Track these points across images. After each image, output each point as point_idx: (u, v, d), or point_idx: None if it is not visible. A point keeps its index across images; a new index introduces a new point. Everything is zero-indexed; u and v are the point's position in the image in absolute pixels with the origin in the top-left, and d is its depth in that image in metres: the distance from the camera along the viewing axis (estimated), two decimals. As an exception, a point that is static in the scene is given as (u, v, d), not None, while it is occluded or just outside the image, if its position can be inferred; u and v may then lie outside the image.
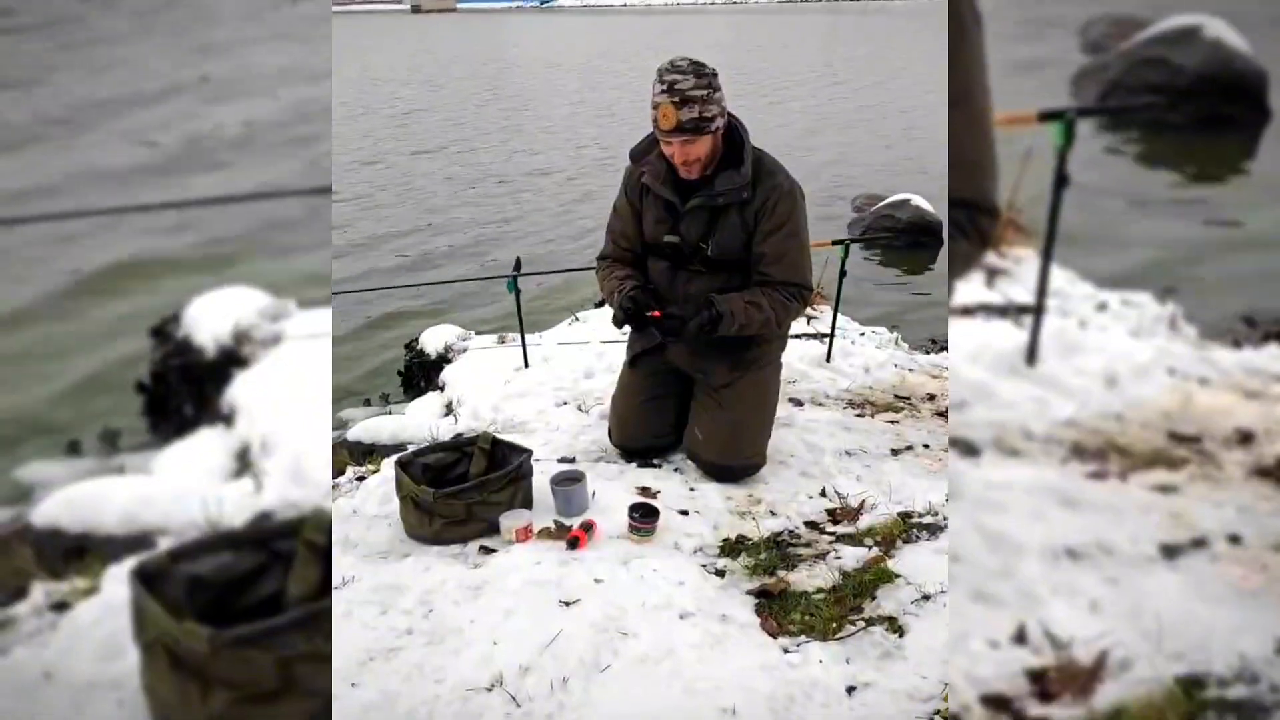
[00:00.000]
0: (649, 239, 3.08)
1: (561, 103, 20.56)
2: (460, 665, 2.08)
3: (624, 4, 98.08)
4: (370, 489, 3.11)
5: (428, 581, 2.43)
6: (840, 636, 2.21)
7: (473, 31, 55.81)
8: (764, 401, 3.19)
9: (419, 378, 5.39)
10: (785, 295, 2.94)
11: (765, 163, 2.92)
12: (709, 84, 2.70)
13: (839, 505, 2.96)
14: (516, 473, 2.79)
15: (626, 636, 2.18)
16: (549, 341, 4.83)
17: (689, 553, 2.66)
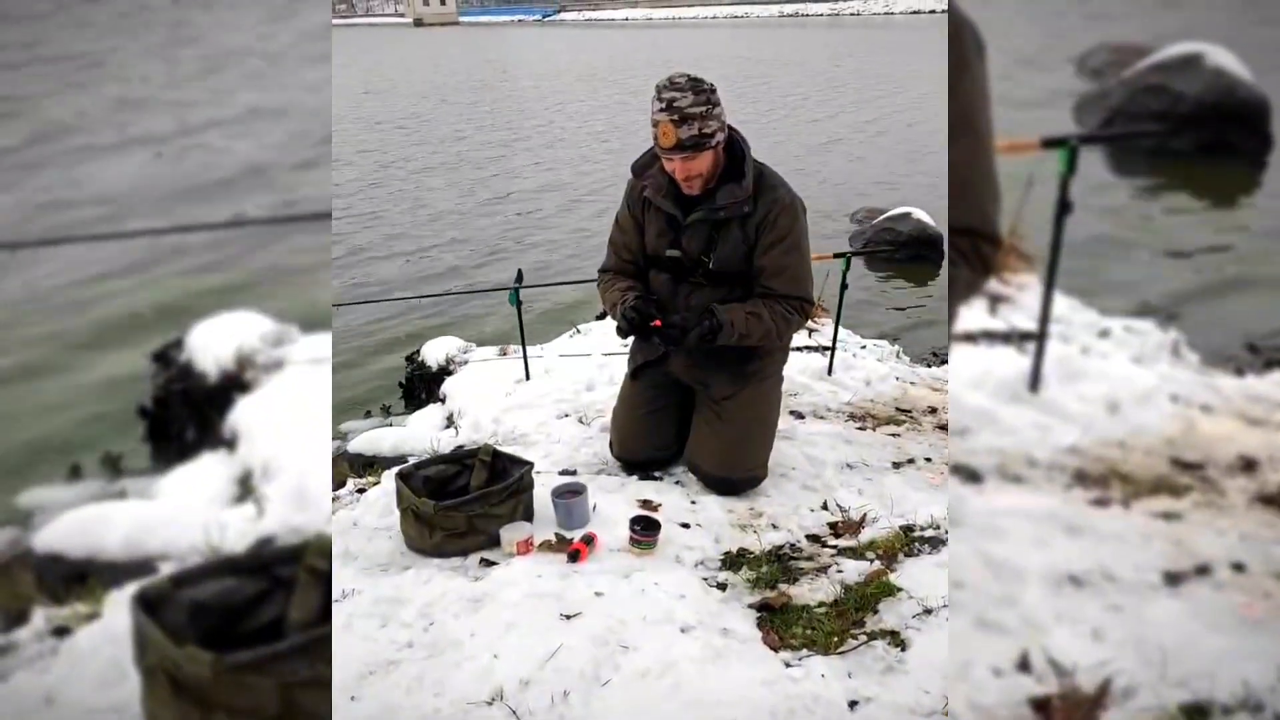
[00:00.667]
0: (651, 252, 3.08)
1: (564, 117, 20.58)
2: (460, 678, 2.08)
3: (625, 18, 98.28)
4: (371, 501, 3.11)
5: (428, 594, 2.42)
6: (842, 650, 2.21)
7: (475, 45, 55.89)
8: (765, 414, 3.19)
9: (420, 390, 5.38)
10: (786, 308, 2.95)
11: (766, 176, 2.93)
12: (708, 100, 2.70)
13: (840, 518, 2.96)
14: (517, 485, 2.79)
15: (627, 650, 2.18)
16: (550, 354, 4.83)
17: (690, 566, 2.65)
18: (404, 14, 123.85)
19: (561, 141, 17.18)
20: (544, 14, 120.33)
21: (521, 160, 15.39)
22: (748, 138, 2.94)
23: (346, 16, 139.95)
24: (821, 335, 4.89)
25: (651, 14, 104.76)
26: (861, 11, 79.44)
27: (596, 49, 48.10)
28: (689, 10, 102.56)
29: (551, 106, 22.70)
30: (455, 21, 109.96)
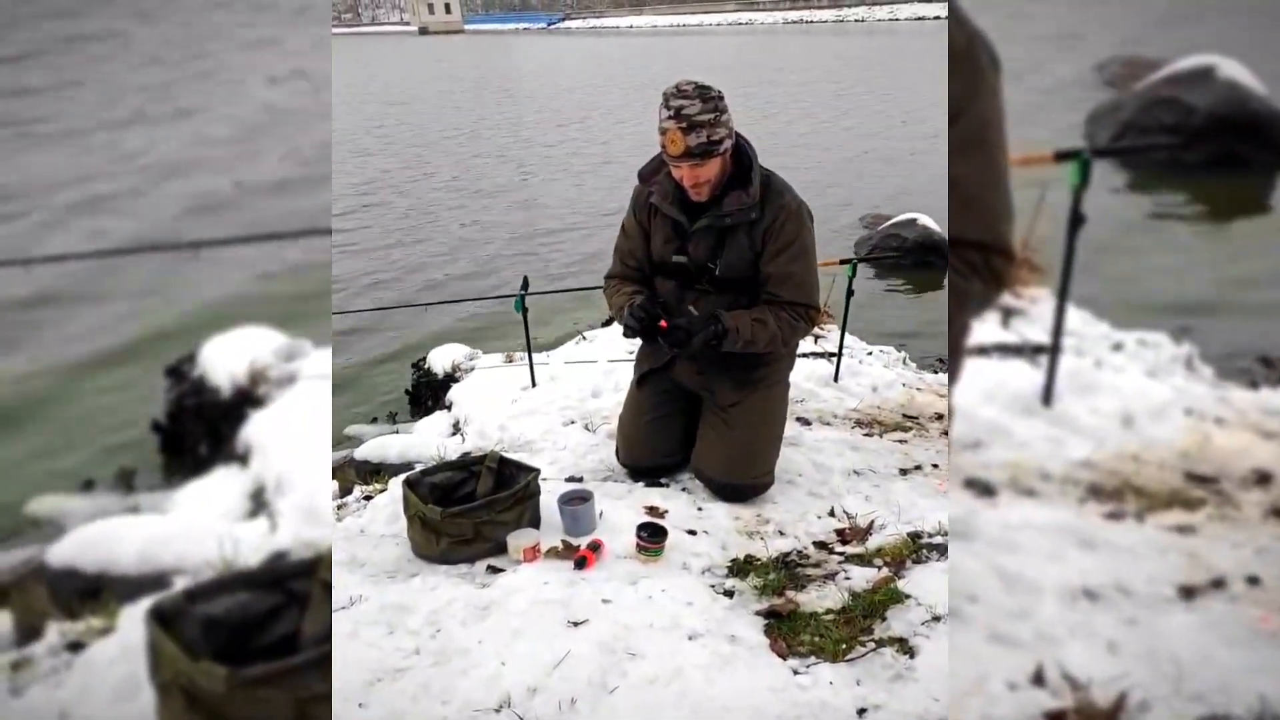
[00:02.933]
0: (657, 259, 3.07)
1: (571, 123, 20.62)
2: (468, 686, 2.07)
3: (630, 26, 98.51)
4: (378, 508, 3.10)
5: (435, 601, 2.41)
6: (850, 658, 2.19)
7: (482, 53, 56.00)
8: (772, 421, 3.17)
9: (426, 397, 5.37)
10: (792, 315, 2.93)
11: (773, 183, 2.91)
12: (715, 107, 2.69)
13: (848, 525, 2.94)
14: (524, 492, 2.77)
15: (634, 657, 2.16)
16: (556, 360, 4.82)
17: (697, 573, 2.64)
18: (409, 22, 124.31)
19: (569, 148, 17.20)
20: (549, 22, 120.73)
21: (528, 164, 15.42)
22: (753, 144, 2.92)
23: (351, 25, 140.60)
24: (828, 341, 4.88)
25: (656, 21, 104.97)
26: (866, 18, 79.50)
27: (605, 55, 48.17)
28: (693, 17, 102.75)
29: (559, 113, 22.73)
30: (460, 30, 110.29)
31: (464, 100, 27.06)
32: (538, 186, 13.77)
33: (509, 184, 14.03)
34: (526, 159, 16.24)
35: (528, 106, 24.88)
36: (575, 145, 17.55)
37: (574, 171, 14.77)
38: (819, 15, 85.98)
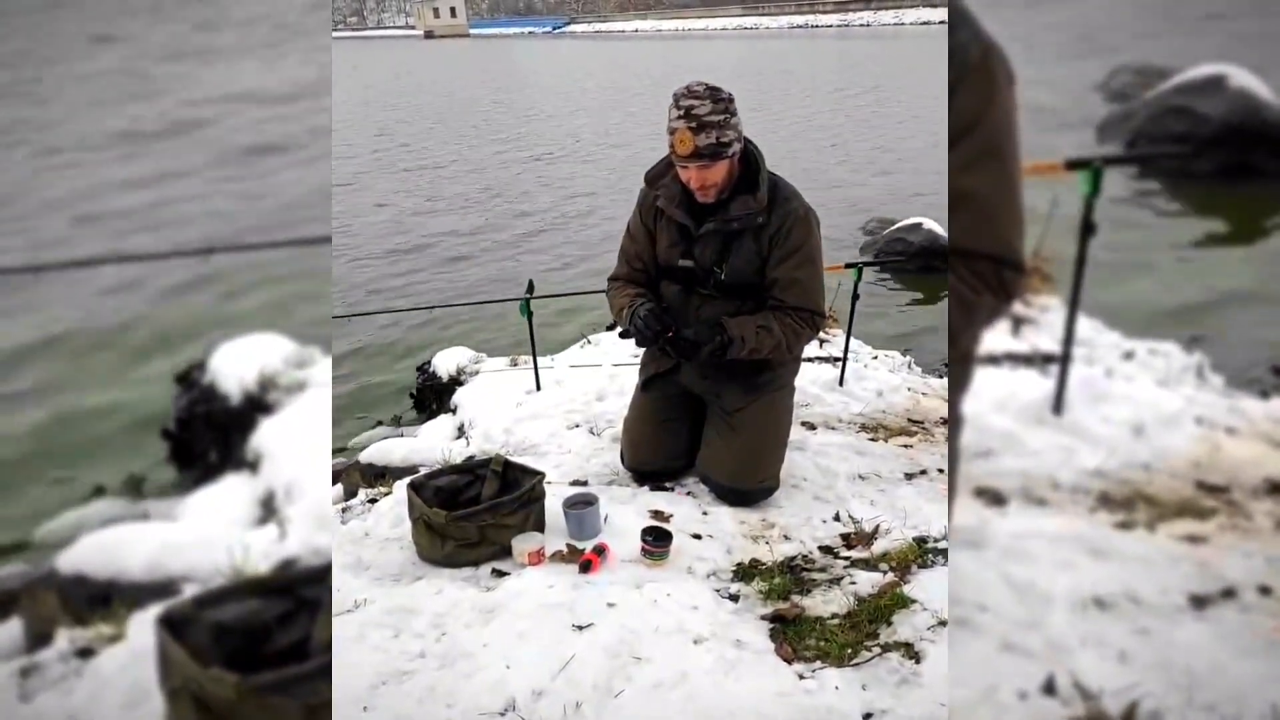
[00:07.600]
0: (663, 262, 3.05)
1: (580, 127, 20.63)
2: (473, 689, 2.05)
3: (635, 30, 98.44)
4: (382, 511, 3.10)
5: (440, 604, 2.40)
6: (856, 663, 2.18)
7: (487, 57, 56.05)
8: (777, 425, 3.16)
9: (431, 400, 5.36)
10: (798, 321, 2.92)
11: (780, 187, 2.90)
12: (725, 109, 2.68)
13: (853, 530, 2.93)
14: (529, 495, 2.76)
15: (640, 661, 2.15)
16: (561, 364, 4.81)
17: (702, 577, 2.63)
18: (415, 26, 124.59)
19: (575, 151, 17.22)
20: (554, 26, 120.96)
21: (533, 168, 15.43)
22: (761, 148, 2.91)
23: (357, 29, 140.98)
24: (833, 346, 4.87)
25: (660, 25, 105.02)
26: (871, 23, 79.39)
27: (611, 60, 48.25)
28: (698, 21, 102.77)
29: (567, 118, 22.77)
30: (465, 34, 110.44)
31: (468, 101, 27.10)
32: (538, 187, 13.78)
33: (510, 184, 14.04)
34: (528, 159, 16.26)
35: (539, 109, 24.92)
36: (582, 147, 17.57)
37: (585, 171, 14.79)
38: (824, 20, 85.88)
